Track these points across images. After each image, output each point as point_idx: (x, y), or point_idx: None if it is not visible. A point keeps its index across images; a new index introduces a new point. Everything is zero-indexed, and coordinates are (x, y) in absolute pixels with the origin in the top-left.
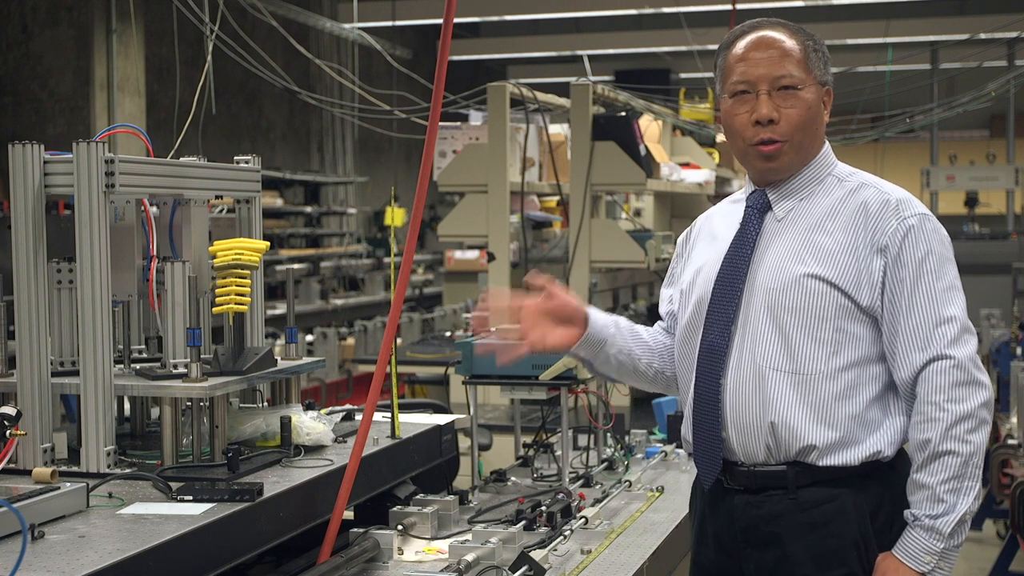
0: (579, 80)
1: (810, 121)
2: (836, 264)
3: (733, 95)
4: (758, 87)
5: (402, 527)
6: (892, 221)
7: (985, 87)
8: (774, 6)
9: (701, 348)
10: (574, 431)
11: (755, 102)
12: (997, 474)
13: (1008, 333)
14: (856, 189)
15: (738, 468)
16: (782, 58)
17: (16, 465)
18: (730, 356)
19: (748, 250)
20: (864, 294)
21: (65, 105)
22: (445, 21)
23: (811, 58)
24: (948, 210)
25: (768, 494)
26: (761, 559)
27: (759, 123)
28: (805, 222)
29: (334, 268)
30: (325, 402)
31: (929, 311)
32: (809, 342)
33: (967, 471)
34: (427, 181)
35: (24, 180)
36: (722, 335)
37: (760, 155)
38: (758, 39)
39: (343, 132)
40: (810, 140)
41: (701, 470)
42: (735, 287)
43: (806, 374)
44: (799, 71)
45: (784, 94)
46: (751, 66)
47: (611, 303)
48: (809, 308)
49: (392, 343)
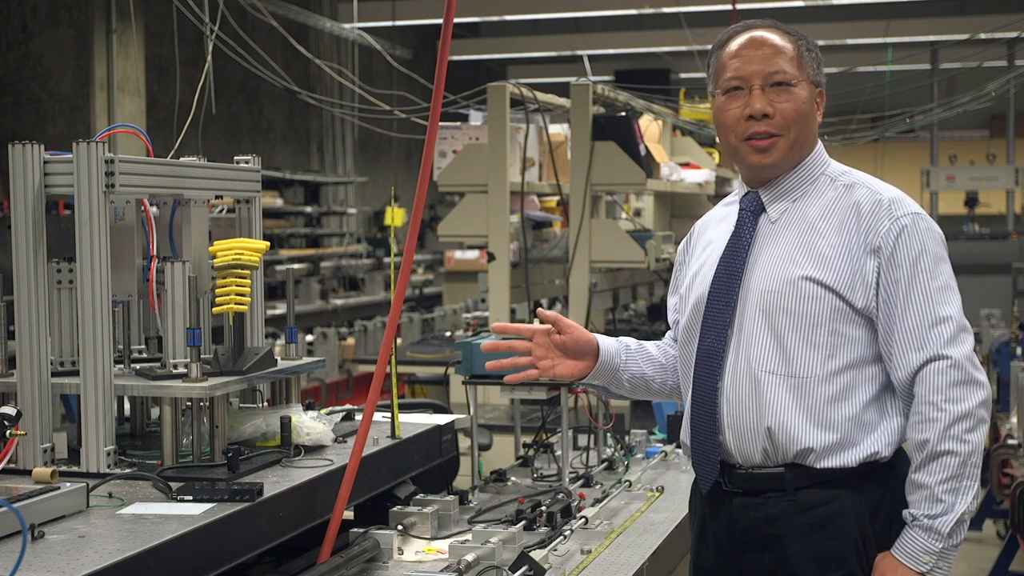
0: (579, 80)
1: (803, 117)
2: (830, 267)
3: (726, 91)
4: (751, 82)
5: (402, 527)
6: (885, 221)
7: (985, 87)
8: (774, 6)
9: (698, 353)
10: (574, 431)
11: (748, 97)
12: (997, 474)
13: (1008, 333)
14: (849, 189)
15: (736, 471)
16: (775, 55)
17: (16, 465)
18: (726, 360)
19: (743, 253)
20: (859, 296)
21: (65, 105)
22: (445, 21)
23: (804, 57)
24: (948, 210)
25: (767, 496)
26: (761, 561)
27: (752, 117)
28: (799, 224)
29: (334, 268)
30: (325, 402)
31: (925, 311)
32: (804, 345)
33: (965, 471)
34: (427, 181)
35: (24, 180)
36: (718, 339)
37: (753, 149)
38: (751, 38)
39: (343, 132)
40: (803, 137)
41: (699, 474)
42: (730, 291)
43: (802, 377)
44: (792, 68)
45: (777, 90)
46: (744, 62)
47: (611, 303)
48: (804, 311)
49: (392, 343)
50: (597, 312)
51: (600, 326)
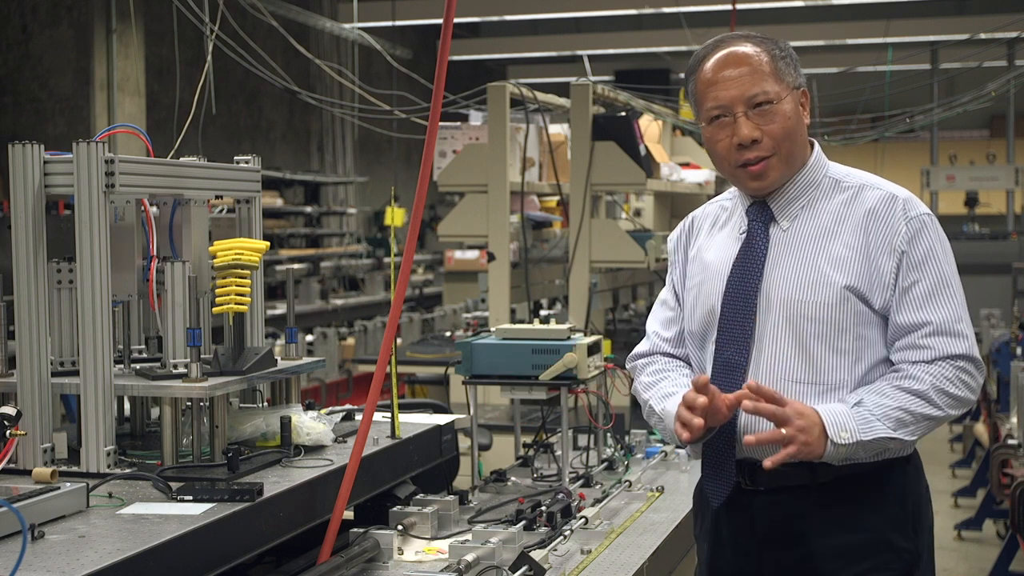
0: (579, 80)
1: (792, 131)
2: (851, 270)
3: (710, 121)
4: (734, 110)
5: (402, 527)
6: (901, 222)
7: (985, 87)
8: (774, 6)
9: (716, 365)
10: (574, 431)
11: (734, 125)
12: (997, 474)
13: (1008, 333)
14: (859, 191)
15: (758, 469)
16: (752, 74)
17: (16, 465)
18: (747, 372)
19: (759, 264)
20: (877, 296)
21: (65, 105)
22: (445, 21)
23: (780, 67)
24: (948, 210)
25: (789, 493)
26: (783, 558)
27: (742, 145)
28: (813, 231)
29: (334, 268)
30: (325, 402)
31: (936, 304)
32: (831, 353)
33: (925, 424)
34: (427, 181)
35: (24, 180)
36: (740, 352)
37: (749, 175)
38: (724, 58)
39: (343, 132)
40: (796, 148)
41: (710, 490)
42: (748, 303)
43: (829, 384)
44: (772, 84)
45: (761, 111)
46: (722, 89)
47: (611, 303)
48: (830, 319)
49: (392, 343)
50: (597, 312)
51: (600, 326)
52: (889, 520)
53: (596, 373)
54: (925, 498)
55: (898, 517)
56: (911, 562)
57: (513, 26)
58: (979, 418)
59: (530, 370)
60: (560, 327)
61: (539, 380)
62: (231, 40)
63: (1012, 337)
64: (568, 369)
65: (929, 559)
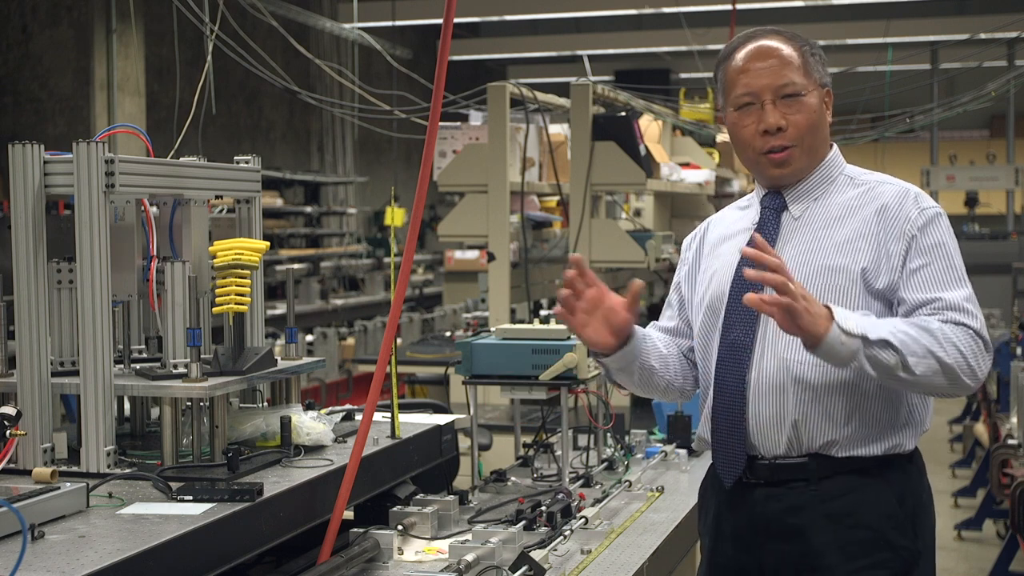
0: (579, 80)
1: (816, 125)
2: (857, 252)
3: (738, 108)
4: (762, 97)
5: (402, 527)
6: (914, 210)
7: (985, 87)
8: (774, 6)
9: (721, 347)
10: (574, 431)
11: (761, 112)
12: (997, 474)
13: (1008, 333)
14: (873, 187)
15: (758, 462)
16: (783, 66)
17: (16, 465)
18: (753, 353)
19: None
20: (883, 278)
21: (65, 105)
22: (445, 21)
23: (809, 62)
24: (948, 210)
25: (790, 486)
26: (783, 552)
27: (767, 132)
28: (823, 219)
29: (334, 268)
30: (325, 402)
31: (945, 285)
32: None
33: (927, 362)
34: (427, 181)
35: (24, 180)
36: (746, 333)
37: (772, 163)
38: (756, 49)
39: (343, 132)
40: (818, 142)
41: (722, 469)
42: (755, 284)
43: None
44: (800, 77)
45: (788, 101)
46: (753, 77)
47: None
48: (837, 301)
49: (392, 343)
50: None
51: None
52: (888, 518)
53: (596, 373)
54: (927, 500)
55: (897, 516)
56: (910, 561)
57: (513, 26)
58: (979, 418)
59: (530, 370)
60: (560, 327)
61: (539, 380)
62: (231, 40)
63: (1012, 337)
64: (568, 369)
65: (929, 560)
